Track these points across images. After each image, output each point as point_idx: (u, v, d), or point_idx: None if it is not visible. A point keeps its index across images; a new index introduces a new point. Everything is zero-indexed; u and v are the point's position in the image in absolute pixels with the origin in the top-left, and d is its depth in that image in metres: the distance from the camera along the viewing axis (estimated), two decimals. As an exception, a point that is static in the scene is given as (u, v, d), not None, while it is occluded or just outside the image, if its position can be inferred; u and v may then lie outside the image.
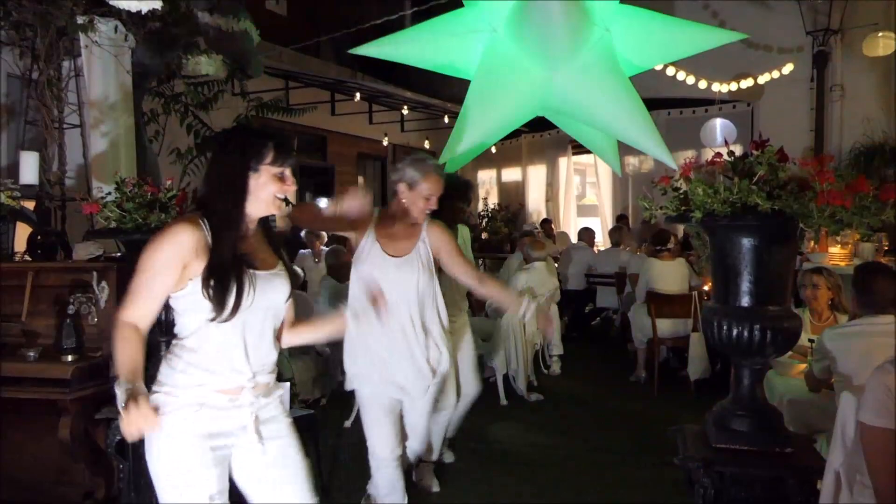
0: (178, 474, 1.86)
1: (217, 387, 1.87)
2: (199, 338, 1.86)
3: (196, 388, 1.86)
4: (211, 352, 1.86)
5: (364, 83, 9.26)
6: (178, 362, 1.88)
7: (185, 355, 1.87)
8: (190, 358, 1.86)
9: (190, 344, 1.87)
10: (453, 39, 3.31)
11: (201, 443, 1.85)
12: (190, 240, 1.79)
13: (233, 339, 1.87)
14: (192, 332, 1.87)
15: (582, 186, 12.13)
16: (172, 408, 1.84)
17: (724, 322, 2.30)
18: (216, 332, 1.85)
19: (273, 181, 1.87)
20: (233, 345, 1.87)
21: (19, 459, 3.30)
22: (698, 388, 5.54)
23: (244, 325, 1.87)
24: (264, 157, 1.85)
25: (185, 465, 1.85)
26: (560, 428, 4.95)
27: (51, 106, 3.95)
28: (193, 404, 1.85)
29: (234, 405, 1.89)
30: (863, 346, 2.91)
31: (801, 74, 8.28)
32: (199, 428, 1.85)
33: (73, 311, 3.18)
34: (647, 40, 3.33)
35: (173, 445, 1.85)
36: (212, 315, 1.80)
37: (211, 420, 1.86)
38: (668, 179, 2.35)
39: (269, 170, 1.86)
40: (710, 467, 2.27)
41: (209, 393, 1.86)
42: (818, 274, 3.93)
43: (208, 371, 1.86)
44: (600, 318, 8.70)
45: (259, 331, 1.92)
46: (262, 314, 1.91)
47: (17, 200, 3.74)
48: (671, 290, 5.90)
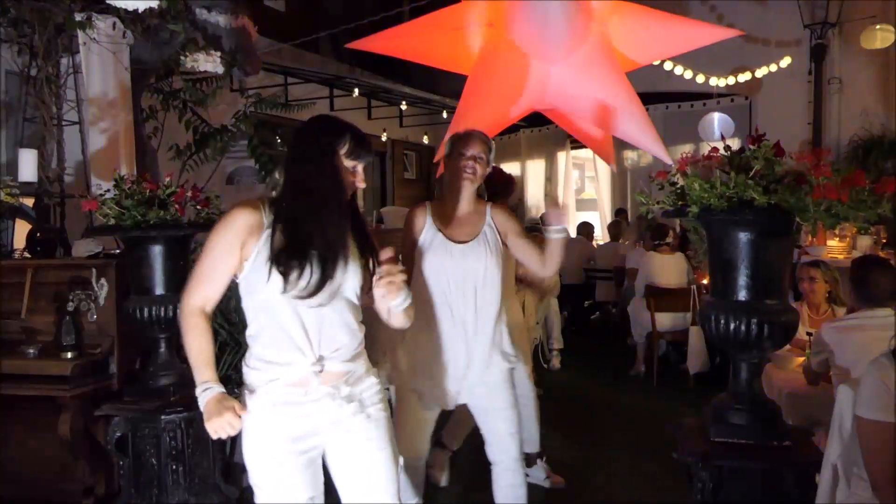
0: (267, 478, 1.85)
1: (287, 379, 1.85)
2: (259, 323, 1.87)
3: (268, 385, 1.85)
4: (271, 336, 1.85)
5: (363, 79, 9.25)
6: (249, 358, 1.90)
7: (253, 348, 1.89)
8: (255, 350, 1.88)
9: (253, 332, 1.88)
10: (451, 34, 3.31)
11: (287, 446, 1.84)
12: (245, 220, 1.82)
13: (286, 317, 1.83)
14: (252, 319, 1.88)
15: (581, 181, 12.12)
16: (252, 408, 1.85)
17: (721, 316, 2.30)
18: (271, 312, 1.83)
19: (345, 173, 1.89)
20: (289, 323, 1.84)
21: (20, 456, 3.31)
22: (698, 382, 5.56)
23: (313, 309, 1.84)
24: (341, 147, 1.88)
25: (272, 471, 1.84)
26: (560, 422, 4.96)
27: (49, 103, 3.95)
28: (269, 403, 1.85)
29: (311, 399, 1.86)
30: (860, 340, 2.92)
31: (798, 68, 8.27)
32: (282, 431, 1.84)
33: (72, 308, 3.19)
34: (644, 36, 3.34)
35: (259, 449, 1.85)
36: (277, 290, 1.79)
37: (292, 420, 1.85)
38: (665, 174, 2.35)
39: (345, 160, 1.89)
40: (709, 461, 2.28)
41: (281, 388, 1.85)
42: (815, 267, 3.94)
43: (274, 362, 1.85)
44: (599, 313, 8.71)
45: (327, 315, 1.87)
46: (330, 298, 1.86)
47: (16, 197, 3.74)
48: (670, 285, 5.91)
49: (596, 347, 7.49)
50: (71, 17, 3.69)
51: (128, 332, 3.22)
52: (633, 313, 6.24)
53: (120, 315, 3.19)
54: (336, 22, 8.72)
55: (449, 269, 2.53)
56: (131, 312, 3.01)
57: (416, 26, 3.43)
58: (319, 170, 1.84)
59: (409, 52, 3.42)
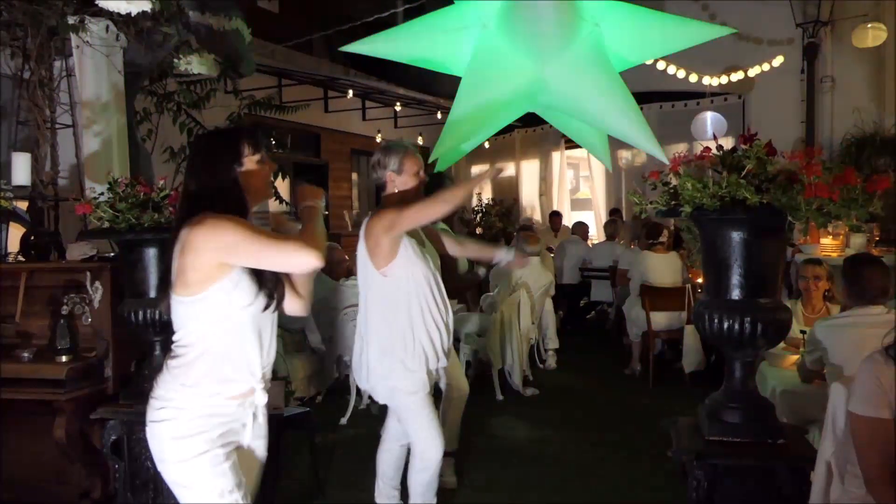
0: (194, 479, 1.86)
1: (230, 393, 1.89)
2: (215, 346, 1.87)
3: (207, 399, 1.87)
4: (227, 356, 1.87)
5: (357, 80, 9.25)
6: (188, 375, 1.87)
7: (197, 365, 1.86)
8: (203, 368, 1.86)
9: (200, 354, 1.86)
10: (444, 36, 3.31)
11: (212, 447, 1.86)
12: None
13: (251, 342, 1.90)
14: (203, 340, 1.86)
15: (575, 180, 12.15)
16: (182, 421, 1.85)
17: (715, 315, 2.31)
18: (232, 333, 1.87)
19: (259, 166, 1.95)
20: (250, 348, 1.90)
21: (15, 460, 3.31)
22: (693, 380, 5.57)
23: (260, 322, 1.91)
24: (243, 151, 1.92)
25: (199, 471, 1.86)
26: (556, 422, 4.97)
27: (43, 106, 3.93)
28: (204, 416, 1.86)
29: (242, 408, 1.93)
30: (854, 337, 2.93)
31: (791, 66, 8.29)
32: (209, 435, 1.86)
33: (66, 312, 3.19)
34: (637, 35, 3.34)
35: (184, 453, 1.85)
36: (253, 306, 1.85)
37: (220, 425, 1.88)
38: (658, 174, 2.36)
39: (250, 159, 1.93)
40: (704, 459, 2.30)
41: (221, 402, 1.88)
42: (819, 265, 3.96)
43: (223, 379, 1.87)
44: (595, 312, 8.73)
45: (270, 327, 1.97)
46: (271, 316, 1.96)
47: (10, 201, 3.73)
48: (665, 284, 5.92)
49: (592, 347, 7.50)
50: (64, 20, 3.68)
51: (122, 335, 3.21)
52: (628, 312, 6.26)
53: (114, 318, 3.19)
54: (330, 23, 8.73)
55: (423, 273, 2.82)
56: (126, 316, 3.01)
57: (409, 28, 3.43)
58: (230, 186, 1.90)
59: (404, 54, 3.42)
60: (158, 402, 1.89)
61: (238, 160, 1.91)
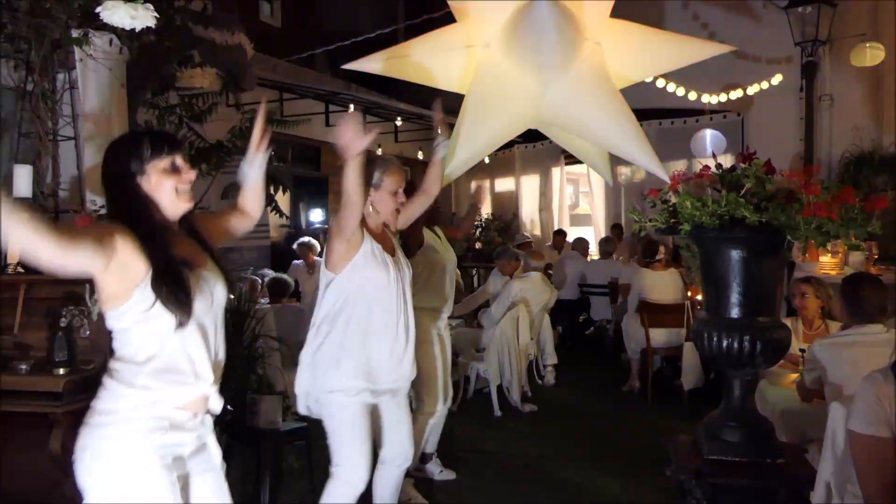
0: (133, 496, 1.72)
1: (178, 402, 1.78)
2: (155, 355, 1.76)
3: (150, 407, 1.75)
4: (170, 364, 1.77)
5: (358, 95, 9.29)
6: (126, 386, 1.76)
7: (139, 375, 1.75)
8: (144, 380, 1.75)
9: (140, 365, 1.76)
10: (446, 55, 3.33)
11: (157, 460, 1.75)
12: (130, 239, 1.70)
13: (195, 345, 1.80)
14: (141, 351, 1.76)
15: (575, 196, 12.17)
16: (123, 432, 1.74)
17: (714, 333, 2.32)
18: (175, 342, 1.77)
19: (165, 176, 1.79)
20: (195, 351, 1.80)
21: (10, 472, 3.29)
22: (692, 398, 5.56)
23: (202, 327, 1.81)
24: (143, 156, 1.78)
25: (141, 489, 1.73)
26: (554, 438, 4.95)
27: (45, 118, 3.94)
28: (148, 429, 1.74)
29: (193, 422, 1.83)
30: (853, 356, 2.93)
31: (790, 85, 8.34)
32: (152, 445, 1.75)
33: (65, 324, 3.17)
34: (638, 53, 3.37)
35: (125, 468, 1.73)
36: (172, 321, 1.73)
37: (163, 435, 1.77)
38: (657, 192, 2.37)
39: (155, 166, 1.79)
40: (702, 478, 2.29)
41: (168, 411, 1.77)
42: (807, 283, 3.97)
43: (171, 386, 1.77)
44: (594, 328, 8.72)
45: (214, 331, 1.87)
46: (212, 314, 1.87)
47: (11, 213, 3.73)
48: (664, 300, 5.92)
49: (590, 363, 7.48)
50: (68, 33, 3.70)
51: (120, 348, 3.20)
52: (626, 329, 6.25)
53: (113, 331, 3.17)
54: (331, 38, 8.78)
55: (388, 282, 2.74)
56: (124, 328, 3.00)
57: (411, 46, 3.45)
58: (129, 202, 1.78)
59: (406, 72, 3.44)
60: (99, 417, 1.76)
61: (140, 168, 1.77)
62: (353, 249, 2.68)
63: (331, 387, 2.71)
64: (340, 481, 2.74)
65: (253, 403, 3.52)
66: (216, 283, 1.90)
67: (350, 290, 2.70)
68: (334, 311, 2.71)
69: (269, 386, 3.84)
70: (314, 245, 7.31)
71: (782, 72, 8.21)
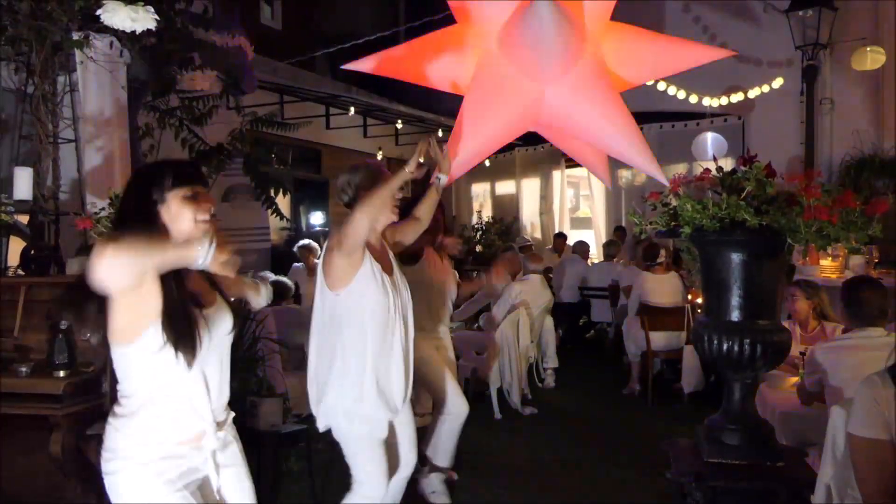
0: None
1: (178, 439, 1.81)
2: (157, 393, 1.78)
3: (156, 447, 1.79)
4: (171, 405, 1.79)
5: (358, 97, 9.30)
6: (130, 426, 1.80)
7: (139, 417, 1.79)
8: (146, 420, 1.78)
9: (143, 402, 1.78)
10: (446, 56, 3.34)
11: (171, 489, 1.78)
12: None
13: (195, 386, 1.81)
14: (144, 388, 1.78)
15: (576, 199, 12.17)
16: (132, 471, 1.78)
17: (714, 336, 2.32)
18: (176, 383, 1.78)
19: (185, 205, 1.79)
20: (195, 391, 1.82)
21: (10, 475, 3.28)
22: (692, 401, 5.55)
23: (203, 368, 1.82)
24: (165, 185, 1.78)
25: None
26: (555, 441, 4.95)
27: (45, 121, 3.94)
28: (155, 460, 1.78)
29: (196, 451, 1.85)
30: (854, 359, 2.93)
31: (791, 88, 8.34)
32: (166, 476, 1.78)
33: (65, 327, 3.18)
34: (638, 57, 3.37)
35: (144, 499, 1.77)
36: (175, 362, 1.74)
37: (175, 466, 1.80)
38: (658, 195, 2.37)
39: (175, 195, 1.79)
40: (702, 481, 2.28)
41: (171, 448, 1.80)
42: (795, 286, 3.99)
43: (169, 428, 1.80)
44: (595, 331, 8.72)
45: (217, 369, 1.88)
46: (216, 353, 1.88)
47: (11, 215, 3.73)
48: (664, 303, 5.92)
49: (591, 366, 7.48)
50: (68, 36, 3.70)
51: (120, 350, 3.19)
52: (627, 332, 6.24)
53: (113, 333, 3.17)
54: (332, 41, 8.79)
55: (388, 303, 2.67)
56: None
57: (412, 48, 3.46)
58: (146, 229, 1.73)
59: (406, 74, 3.44)
60: (107, 454, 1.81)
61: (161, 196, 1.77)
62: (353, 267, 2.60)
63: (357, 419, 2.67)
64: (363, 498, 2.72)
65: (253, 406, 3.52)
66: (223, 321, 1.90)
67: (352, 310, 2.63)
68: (337, 330, 2.65)
69: (269, 388, 3.84)
70: (314, 248, 7.32)
71: (783, 75, 8.22)
